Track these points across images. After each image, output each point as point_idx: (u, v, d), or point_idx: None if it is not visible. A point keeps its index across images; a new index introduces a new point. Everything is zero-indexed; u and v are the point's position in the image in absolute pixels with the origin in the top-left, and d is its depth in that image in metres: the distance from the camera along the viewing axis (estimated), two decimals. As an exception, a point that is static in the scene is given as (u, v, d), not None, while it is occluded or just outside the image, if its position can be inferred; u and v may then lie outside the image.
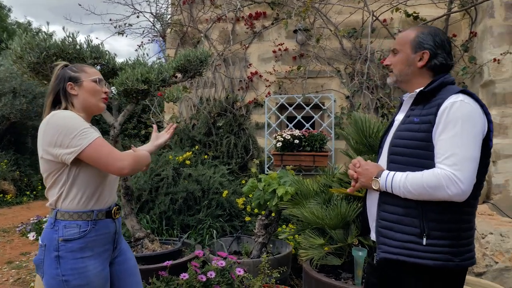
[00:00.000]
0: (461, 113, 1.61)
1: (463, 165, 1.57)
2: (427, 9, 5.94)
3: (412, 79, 1.87)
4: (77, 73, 1.99)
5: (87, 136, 1.75)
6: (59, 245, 1.76)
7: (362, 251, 2.92)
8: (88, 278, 1.77)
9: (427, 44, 1.81)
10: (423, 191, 1.62)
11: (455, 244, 1.65)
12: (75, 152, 1.72)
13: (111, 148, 1.78)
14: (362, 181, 1.85)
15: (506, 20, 5.05)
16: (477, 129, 1.62)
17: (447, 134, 1.62)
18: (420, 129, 1.71)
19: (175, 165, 5.44)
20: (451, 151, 1.59)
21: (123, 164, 1.76)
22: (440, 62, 1.80)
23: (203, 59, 4.16)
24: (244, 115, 6.68)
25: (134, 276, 2.08)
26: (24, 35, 3.25)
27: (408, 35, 1.87)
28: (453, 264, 1.64)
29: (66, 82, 1.95)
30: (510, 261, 3.25)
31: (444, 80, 1.76)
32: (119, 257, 2.03)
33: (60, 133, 1.73)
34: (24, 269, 5.09)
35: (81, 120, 1.81)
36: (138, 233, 3.90)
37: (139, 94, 3.66)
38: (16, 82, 10.24)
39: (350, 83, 6.25)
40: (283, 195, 3.71)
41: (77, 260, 1.76)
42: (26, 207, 9.78)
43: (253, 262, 3.75)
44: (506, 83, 4.99)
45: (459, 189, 1.56)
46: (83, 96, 1.97)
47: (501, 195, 4.89)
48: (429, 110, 1.71)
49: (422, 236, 1.66)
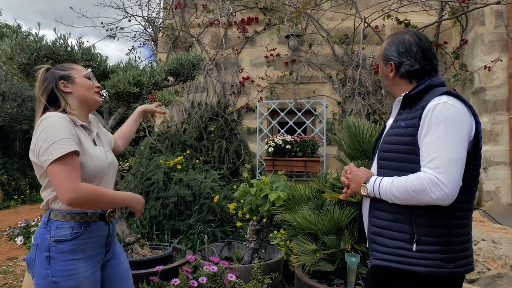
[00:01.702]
0: (444, 114, 1.59)
1: (447, 168, 1.54)
2: (418, 16, 5.98)
3: (393, 88, 1.91)
4: (67, 71, 1.96)
5: (60, 148, 1.67)
6: (51, 245, 1.74)
7: (355, 257, 2.90)
8: (78, 280, 1.74)
9: (391, 55, 1.85)
10: (408, 195, 1.60)
11: (446, 250, 1.62)
12: (47, 162, 1.67)
13: (68, 174, 1.66)
14: (352, 187, 1.84)
15: (496, 28, 5.09)
16: (461, 131, 1.60)
17: (430, 137, 1.60)
18: (406, 133, 1.70)
19: (166, 169, 5.40)
20: (434, 154, 1.57)
21: (70, 197, 1.64)
22: (407, 70, 1.81)
23: (195, 62, 4.14)
24: (236, 120, 6.66)
25: (126, 280, 2.05)
26: (14, 36, 3.21)
27: (382, 48, 1.93)
28: (445, 270, 1.61)
29: (58, 81, 1.91)
30: (503, 268, 3.25)
31: (431, 82, 1.75)
32: (112, 260, 1.99)
33: (41, 139, 1.70)
34: (11, 274, 5.00)
35: (66, 128, 1.74)
36: (128, 238, 3.86)
37: (131, 97, 3.63)
38: (6, 86, 10.13)
39: (342, 89, 6.26)
40: (275, 200, 3.68)
41: (68, 262, 1.74)
42: (14, 211, 9.66)
43: (244, 268, 3.71)
44: (496, 90, 5.03)
45: (443, 192, 1.53)
46: (78, 93, 1.95)
47: (492, 202, 4.91)
48: (414, 114, 1.69)
49: (412, 242, 1.64)
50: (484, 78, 5.08)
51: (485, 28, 5.15)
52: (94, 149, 1.90)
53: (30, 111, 10.81)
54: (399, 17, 5.87)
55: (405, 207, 1.66)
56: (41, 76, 1.94)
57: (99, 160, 1.87)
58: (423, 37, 1.84)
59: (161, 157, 5.86)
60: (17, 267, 5.27)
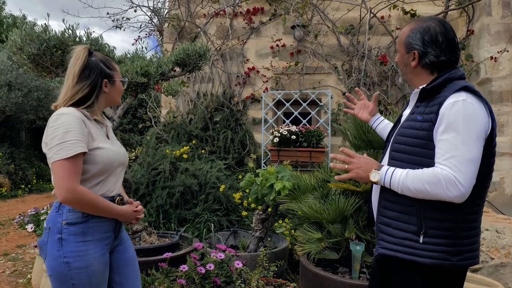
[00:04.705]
0: (463, 113, 1.58)
1: (464, 168, 1.55)
2: (425, 7, 5.96)
3: (413, 78, 1.85)
4: (112, 71, 2.00)
5: (67, 149, 1.73)
6: (62, 228, 1.80)
7: (360, 245, 2.94)
8: (88, 261, 1.80)
9: (415, 43, 1.78)
10: (422, 188, 1.60)
11: (453, 243, 1.63)
12: (52, 159, 1.74)
13: (69, 174, 1.73)
14: (359, 172, 1.79)
15: (503, 18, 5.08)
16: (479, 130, 1.59)
17: (448, 135, 1.59)
18: (421, 127, 1.68)
19: (172, 159, 5.45)
20: (452, 153, 1.56)
21: (65, 196, 1.73)
22: (431, 61, 1.76)
23: (202, 53, 4.17)
24: (241, 111, 6.69)
25: (133, 266, 2.10)
26: (24, 26, 3.25)
27: (403, 34, 1.85)
28: (450, 263, 1.63)
29: (102, 79, 1.95)
30: (506, 257, 3.29)
31: (449, 76, 1.72)
32: (119, 246, 2.05)
33: (51, 135, 1.76)
34: (20, 261, 5.08)
35: (77, 128, 1.77)
36: (136, 226, 3.91)
37: (139, 87, 3.66)
38: (12, 75, 10.16)
39: (347, 79, 6.27)
40: (281, 189, 3.72)
41: (79, 244, 1.80)
42: (21, 200, 9.76)
43: (250, 256, 3.77)
44: (502, 81, 5.04)
45: (459, 191, 1.54)
46: (112, 95, 2.02)
47: (496, 193, 4.93)
48: (431, 109, 1.67)
49: (420, 234, 1.65)
50: (490, 69, 5.08)
51: (492, 18, 5.14)
52: (106, 142, 1.95)
53: (36, 101, 10.83)
54: (405, 7, 5.86)
55: (415, 200, 1.66)
56: (84, 60, 1.92)
57: (111, 152, 1.91)
58: (449, 26, 1.78)
59: (167, 147, 5.90)
60: (26, 254, 5.35)
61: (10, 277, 4.52)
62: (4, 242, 6.00)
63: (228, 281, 2.94)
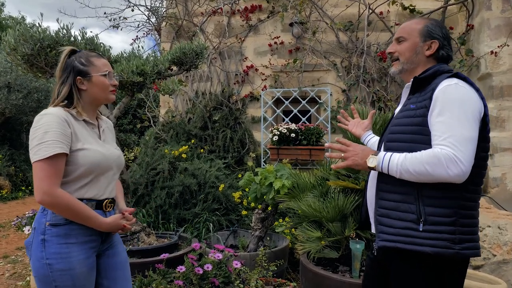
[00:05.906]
0: (456, 95, 1.62)
1: (463, 146, 1.56)
2: (424, 2, 5.92)
3: (417, 67, 1.87)
4: (86, 66, 1.92)
5: (44, 150, 1.70)
6: (46, 229, 1.78)
7: (359, 244, 2.91)
8: (71, 263, 1.77)
9: (437, 34, 1.84)
10: (422, 169, 1.58)
11: (454, 230, 1.61)
12: (32, 159, 1.72)
13: (47, 175, 1.70)
14: (356, 159, 1.79)
15: (503, 13, 5.04)
16: (473, 110, 1.62)
17: (443, 116, 1.61)
18: (416, 114, 1.71)
19: (171, 159, 5.42)
20: (449, 132, 1.58)
21: (42, 198, 1.70)
22: (447, 53, 1.84)
23: (198, 51, 4.13)
24: (240, 109, 6.66)
25: (123, 270, 2.05)
26: (17, 27, 3.21)
27: (416, 24, 1.89)
28: (453, 251, 1.60)
29: (75, 76, 1.90)
30: (508, 254, 3.25)
31: (439, 68, 1.78)
32: (109, 250, 2.01)
33: (32, 136, 1.75)
34: (20, 263, 5.05)
35: (57, 128, 1.74)
36: (134, 227, 3.88)
37: (135, 87, 3.63)
38: (11, 77, 10.13)
39: (346, 76, 6.23)
40: (280, 188, 3.69)
41: (61, 245, 1.77)
42: (22, 202, 9.73)
43: (249, 256, 3.73)
44: (503, 76, 4.99)
45: (460, 169, 1.54)
46: (92, 91, 1.93)
47: (498, 189, 4.89)
48: (424, 96, 1.72)
49: (419, 222, 1.64)
50: (490, 63, 5.03)
51: (492, 12, 5.09)
52: (94, 143, 1.90)
53: (35, 103, 10.80)
54: (404, 3, 5.81)
55: (413, 187, 1.66)
56: (63, 61, 1.93)
57: (97, 154, 1.86)
58: None
59: (166, 146, 5.87)
60: (26, 257, 5.32)
61: (9, 279, 4.50)
62: (4, 244, 5.97)
63: (227, 281, 2.91)
